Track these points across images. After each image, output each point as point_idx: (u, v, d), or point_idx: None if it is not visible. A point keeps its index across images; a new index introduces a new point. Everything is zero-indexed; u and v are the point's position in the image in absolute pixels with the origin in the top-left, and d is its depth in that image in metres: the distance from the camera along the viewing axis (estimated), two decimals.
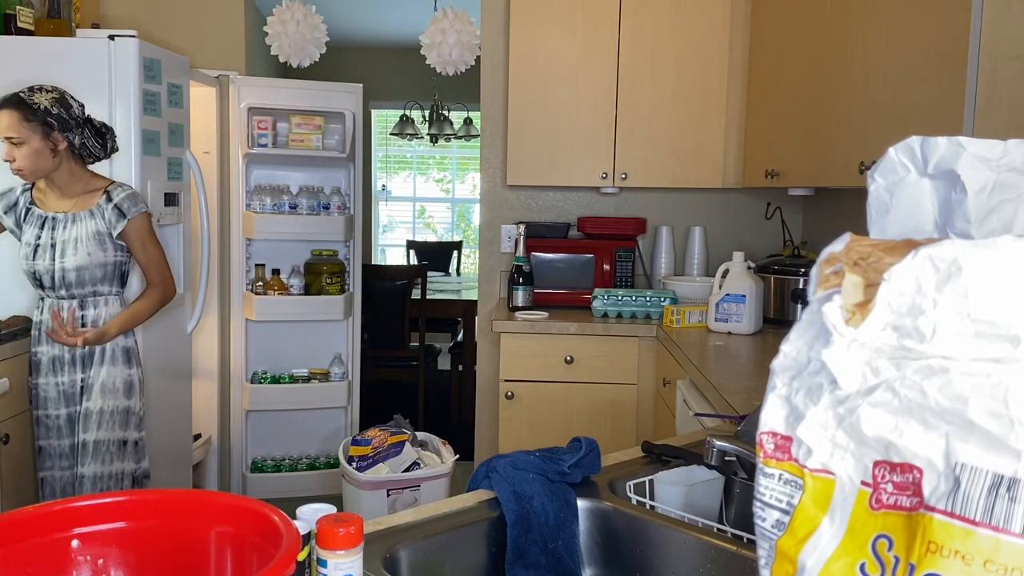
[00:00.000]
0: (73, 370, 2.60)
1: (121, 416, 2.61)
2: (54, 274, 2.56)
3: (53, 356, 2.61)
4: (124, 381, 2.63)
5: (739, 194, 3.83)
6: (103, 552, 0.87)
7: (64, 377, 2.60)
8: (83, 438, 2.58)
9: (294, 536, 0.79)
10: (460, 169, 8.29)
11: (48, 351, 2.62)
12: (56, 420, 2.62)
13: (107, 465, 2.59)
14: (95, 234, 2.57)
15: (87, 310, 2.61)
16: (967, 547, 0.50)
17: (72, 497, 0.89)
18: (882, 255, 0.57)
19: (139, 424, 2.67)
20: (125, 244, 2.63)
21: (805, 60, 2.80)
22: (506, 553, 1.27)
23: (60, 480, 2.62)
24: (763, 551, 0.63)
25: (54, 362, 2.61)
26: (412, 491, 2.76)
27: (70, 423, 2.61)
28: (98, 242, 2.57)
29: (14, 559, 0.82)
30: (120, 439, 2.61)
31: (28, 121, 2.47)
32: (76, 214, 2.58)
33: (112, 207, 2.58)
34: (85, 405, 2.58)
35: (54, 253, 2.56)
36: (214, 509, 0.87)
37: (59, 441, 2.62)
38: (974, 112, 1.72)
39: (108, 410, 2.59)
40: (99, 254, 2.58)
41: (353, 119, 4.00)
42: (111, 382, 2.60)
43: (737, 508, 1.30)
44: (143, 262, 2.66)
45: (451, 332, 6.22)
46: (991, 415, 0.50)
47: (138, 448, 2.68)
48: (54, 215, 2.59)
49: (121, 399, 2.62)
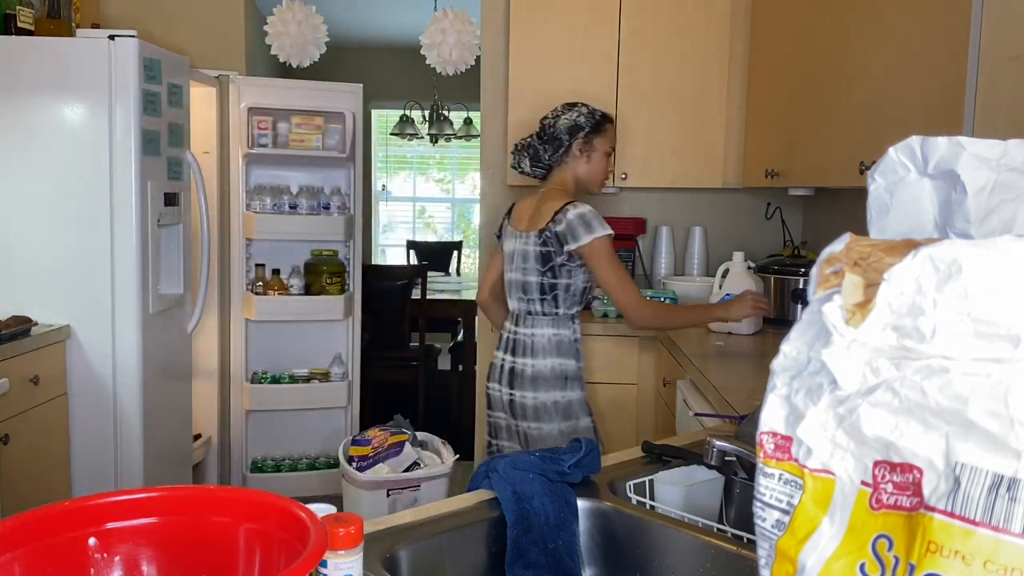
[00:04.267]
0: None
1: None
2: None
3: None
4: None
5: (739, 194, 3.83)
6: (135, 548, 0.87)
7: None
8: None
9: (321, 532, 0.79)
10: (460, 169, 8.29)
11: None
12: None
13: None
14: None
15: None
16: (967, 547, 0.50)
17: (102, 493, 0.89)
18: (882, 255, 0.57)
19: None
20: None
21: (805, 60, 2.80)
22: (506, 553, 1.27)
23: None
24: (763, 551, 0.63)
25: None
26: (412, 491, 2.76)
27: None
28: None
29: (39, 556, 0.82)
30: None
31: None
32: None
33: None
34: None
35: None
36: (243, 506, 0.87)
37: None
38: (974, 112, 1.72)
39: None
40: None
41: (353, 119, 4.00)
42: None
43: (737, 508, 1.30)
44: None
45: (451, 332, 6.22)
46: (991, 415, 0.50)
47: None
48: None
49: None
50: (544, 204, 2.57)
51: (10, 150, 2.95)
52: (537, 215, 2.58)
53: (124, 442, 3.05)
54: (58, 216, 2.97)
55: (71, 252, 2.98)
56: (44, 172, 2.97)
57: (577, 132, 2.61)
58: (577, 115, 2.61)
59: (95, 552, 0.85)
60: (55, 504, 0.86)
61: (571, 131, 2.61)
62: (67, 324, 2.98)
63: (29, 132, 2.95)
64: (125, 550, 0.86)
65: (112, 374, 3.02)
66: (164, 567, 0.87)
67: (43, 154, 2.96)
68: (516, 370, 2.55)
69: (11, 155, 2.96)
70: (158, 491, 0.90)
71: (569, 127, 2.61)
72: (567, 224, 2.47)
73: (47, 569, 0.82)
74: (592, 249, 2.46)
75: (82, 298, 2.99)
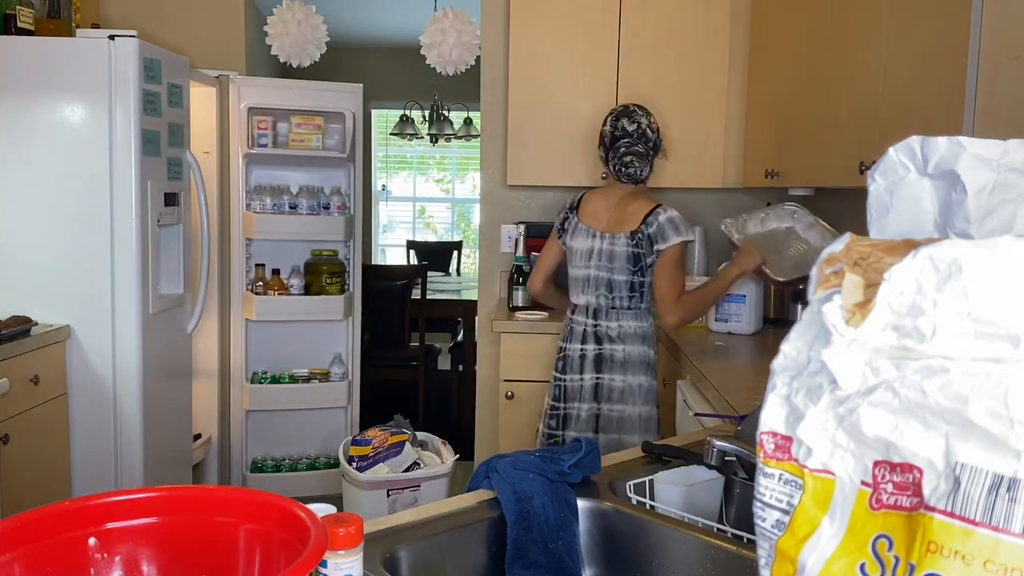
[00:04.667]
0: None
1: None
2: None
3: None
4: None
5: (739, 194, 3.82)
6: (135, 548, 0.86)
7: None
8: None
9: (321, 532, 0.78)
10: (460, 169, 8.29)
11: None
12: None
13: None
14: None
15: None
16: (967, 547, 0.50)
17: (102, 493, 0.88)
18: (882, 255, 0.57)
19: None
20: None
21: (805, 60, 2.80)
22: (506, 553, 1.27)
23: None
24: (763, 551, 0.63)
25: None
26: (412, 491, 2.76)
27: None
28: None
29: (39, 556, 0.82)
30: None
31: None
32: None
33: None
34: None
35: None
36: (243, 506, 0.87)
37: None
38: (974, 112, 1.72)
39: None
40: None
41: (353, 119, 4.00)
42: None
43: (737, 508, 1.30)
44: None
45: (451, 332, 6.22)
46: (991, 415, 0.50)
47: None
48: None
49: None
50: (630, 206, 2.67)
51: (10, 150, 2.95)
52: (624, 217, 2.67)
53: (124, 442, 3.05)
54: (58, 216, 2.97)
55: (71, 252, 2.98)
56: (44, 172, 2.96)
57: (660, 134, 2.75)
58: (653, 118, 2.74)
59: (95, 552, 0.85)
60: (55, 504, 0.86)
61: (659, 133, 2.74)
62: (67, 324, 2.98)
63: (29, 132, 2.95)
64: (125, 550, 0.86)
65: (112, 374, 3.02)
66: (164, 567, 0.87)
67: (43, 154, 2.96)
68: (604, 356, 2.66)
69: (11, 155, 2.96)
70: (158, 491, 0.89)
71: (658, 128, 2.74)
72: (658, 226, 2.60)
73: (47, 569, 0.82)
74: (674, 249, 2.61)
75: (82, 298, 2.99)
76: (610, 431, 2.65)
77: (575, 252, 2.74)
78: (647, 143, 2.69)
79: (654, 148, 2.71)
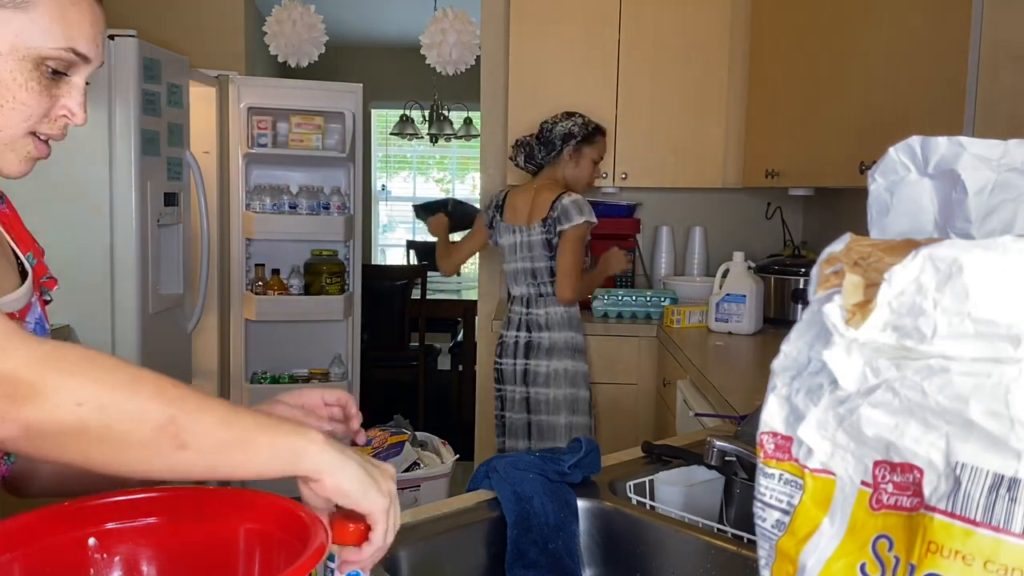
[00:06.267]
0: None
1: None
2: None
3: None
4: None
5: (739, 194, 3.82)
6: (135, 548, 0.86)
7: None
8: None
9: (321, 533, 0.78)
10: (460, 169, 8.29)
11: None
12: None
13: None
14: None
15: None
16: (967, 547, 0.50)
17: (103, 493, 0.88)
18: (882, 255, 0.57)
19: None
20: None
21: (805, 60, 2.80)
22: (506, 553, 1.27)
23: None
24: (763, 551, 0.63)
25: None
26: (412, 491, 2.76)
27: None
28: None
29: (39, 556, 0.82)
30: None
31: None
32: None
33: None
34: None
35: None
36: (243, 506, 0.87)
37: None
38: (974, 112, 1.72)
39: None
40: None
41: (353, 119, 4.00)
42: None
43: (737, 508, 1.30)
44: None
45: (451, 332, 6.22)
46: (991, 415, 0.50)
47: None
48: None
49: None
50: (539, 196, 2.95)
51: None
52: (535, 208, 2.95)
53: None
54: (57, 216, 2.97)
55: (71, 252, 2.98)
56: (43, 172, 2.94)
57: (569, 139, 2.98)
58: (572, 124, 2.98)
59: (95, 552, 0.85)
60: (55, 504, 0.86)
61: (564, 138, 2.97)
62: (67, 324, 2.98)
63: None
64: (125, 550, 0.86)
65: None
66: (164, 567, 0.87)
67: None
68: (532, 343, 2.93)
69: None
70: (158, 491, 0.89)
71: (563, 134, 2.97)
72: (562, 208, 2.85)
73: (47, 569, 0.82)
74: (575, 229, 2.84)
75: (82, 298, 2.99)
76: (539, 412, 2.93)
77: (504, 248, 3.05)
78: (539, 138, 3.01)
79: (544, 144, 2.99)
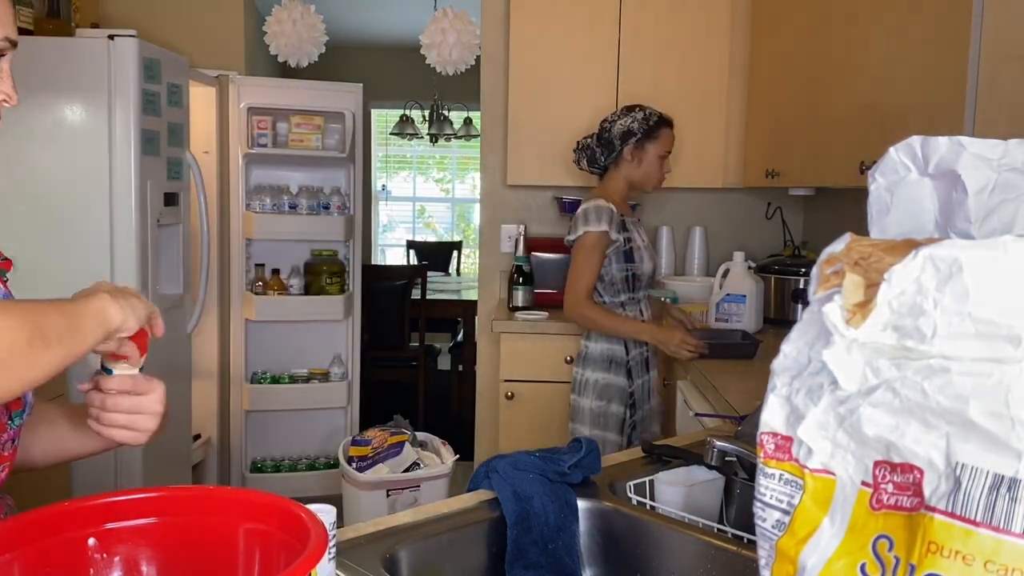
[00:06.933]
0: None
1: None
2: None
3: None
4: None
5: (739, 194, 3.82)
6: (135, 548, 0.86)
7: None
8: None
9: (321, 532, 0.78)
10: (460, 169, 8.29)
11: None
12: None
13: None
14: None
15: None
16: (968, 547, 0.50)
17: (102, 493, 0.89)
18: (883, 255, 0.57)
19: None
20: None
21: (805, 60, 2.80)
22: (506, 553, 1.27)
23: None
24: (763, 551, 0.63)
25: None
26: (412, 491, 2.76)
27: None
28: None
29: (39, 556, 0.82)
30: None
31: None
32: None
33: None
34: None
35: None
36: (243, 506, 0.87)
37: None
38: (974, 112, 1.72)
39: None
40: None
41: (353, 119, 4.00)
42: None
43: (737, 508, 1.30)
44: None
45: (451, 332, 6.22)
46: (991, 415, 0.50)
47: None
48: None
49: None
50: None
51: (9, 150, 2.95)
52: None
53: None
54: (57, 216, 2.97)
55: (70, 252, 2.98)
56: (43, 172, 2.96)
57: (629, 138, 2.73)
58: (631, 120, 2.74)
59: (95, 552, 0.85)
60: (55, 504, 0.86)
61: (623, 136, 2.73)
62: None
63: (28, 132, 2.95)
64: (125, 550, 0.86)
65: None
66: (164, 567, 0.87)
67: (42, 154, 2.96)
68: (579, 351, 2.80)
69: (10, 155, 2.95)
70: (158, 491, 0.89)
71: (622, 133, 2.73)
72: (574, 220, 2.71)
73: (47, 569, 0.82)
74: (577, 240, 2.69)
75: None
76: (574, 420, 2.81)
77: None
78: (599, 140, 2.78)
79: (604, 145, 2.77)
